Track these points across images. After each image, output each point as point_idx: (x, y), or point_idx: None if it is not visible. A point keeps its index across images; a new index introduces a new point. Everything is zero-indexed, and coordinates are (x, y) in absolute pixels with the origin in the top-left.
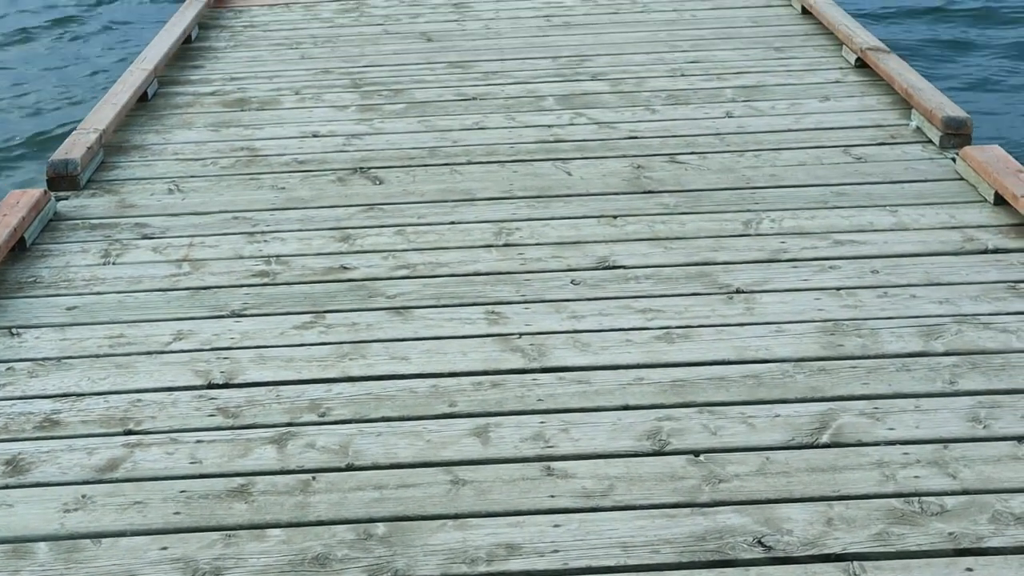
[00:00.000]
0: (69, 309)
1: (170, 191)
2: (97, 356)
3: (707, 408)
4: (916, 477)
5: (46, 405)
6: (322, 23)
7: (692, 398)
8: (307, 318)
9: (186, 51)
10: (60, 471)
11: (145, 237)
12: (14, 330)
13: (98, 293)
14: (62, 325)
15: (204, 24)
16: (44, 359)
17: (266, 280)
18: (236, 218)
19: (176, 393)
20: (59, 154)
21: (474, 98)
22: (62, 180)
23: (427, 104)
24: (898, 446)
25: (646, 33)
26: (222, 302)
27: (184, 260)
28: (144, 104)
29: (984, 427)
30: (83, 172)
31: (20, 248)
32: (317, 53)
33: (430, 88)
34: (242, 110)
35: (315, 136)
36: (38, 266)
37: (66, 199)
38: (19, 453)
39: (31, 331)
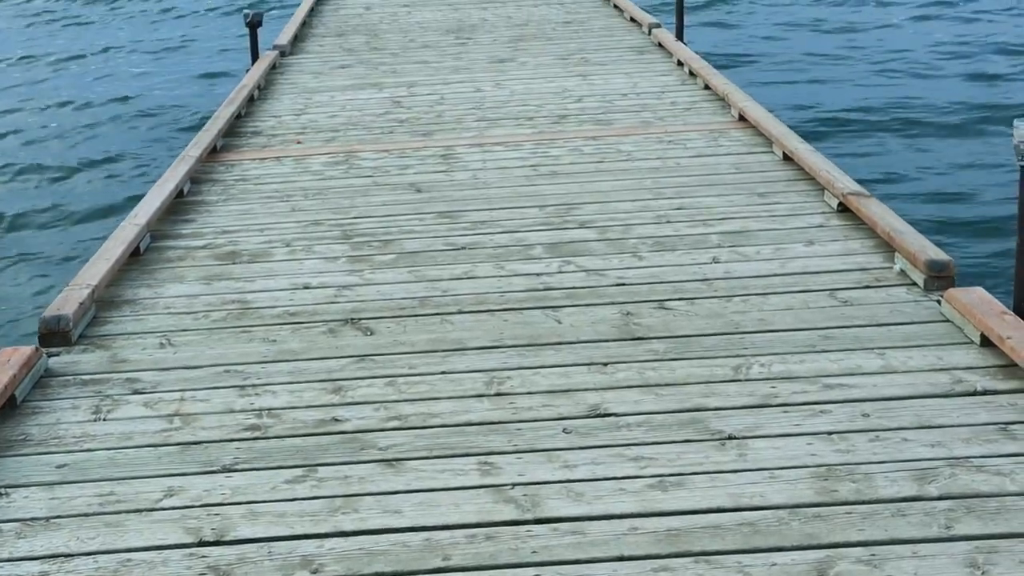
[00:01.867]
0: (59, 467)
1: (161, 345)
2: (86, 515)
3: (703, 558)
4: None
5: (34, 567)
6: (312, 176)
7: (687, 547)
8: (298, 472)
9: (179, 205)
10: None
11: (136, 392)
12: (2, 490)
13: (88, 450)
14: (51, 484)
15: (196, 178)
16: (32, 519)
17: (257, 434)
18: (227, 371)
19: (166, 552)
20: (51, 310)
21: (463, 248)
22: (54, 336)
23: (417, 254)
24: None
25: (631, 181)
26: (213, 457)
27: (175, 415)
28: (137, 258)
29: (983, 573)
30: (75, 328)
31: (10, 406)
32: (308, 205)
33: (420, 238)
34: (233, 263)
35: (306, 288)
36: (28, 424)
37: (57, 355)
38: None
39: (20, 490)
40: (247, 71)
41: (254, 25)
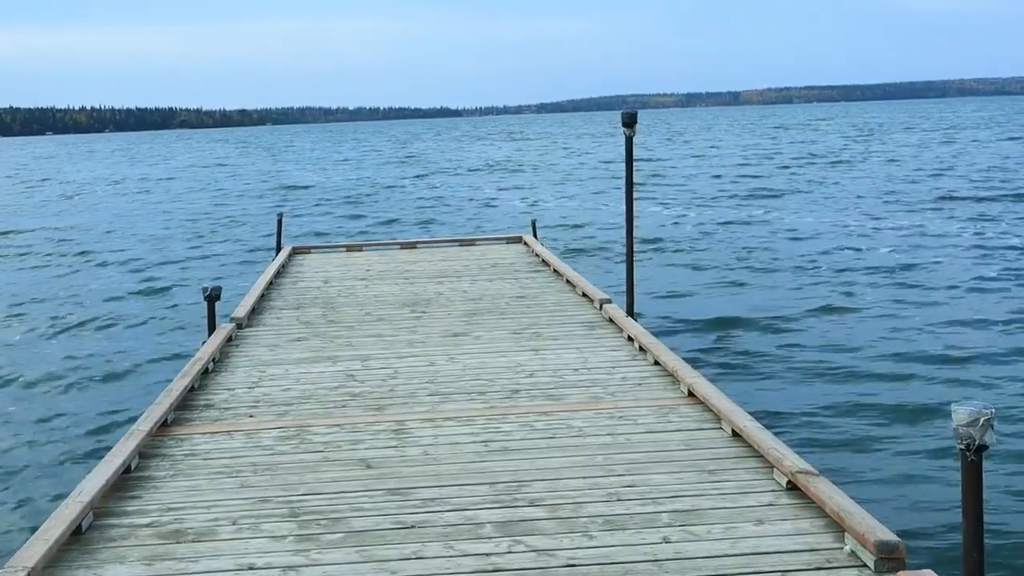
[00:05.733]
0: None
1: None
2: None
3: None
4: None
5: None
6: (263, 451)
7: None
8: None
9: (125, 481)
10: None
11: None
12: None
13: None
14: None
15: (145, 453)
16: None
17: None
18: None
19: None
20: None
21: (412, 526)
22: None
23: (365, 533)
24: None
25: (582, 457)
26: None
27: None
28: (78, 537)
29: None
30: None
31: None
32: (256, 481)
33: (368, 516)
34: (177, 542)
35: (251, 568)
36: None
37: None
38: None
39: None
40: (203, 343)
41: (212, 299)
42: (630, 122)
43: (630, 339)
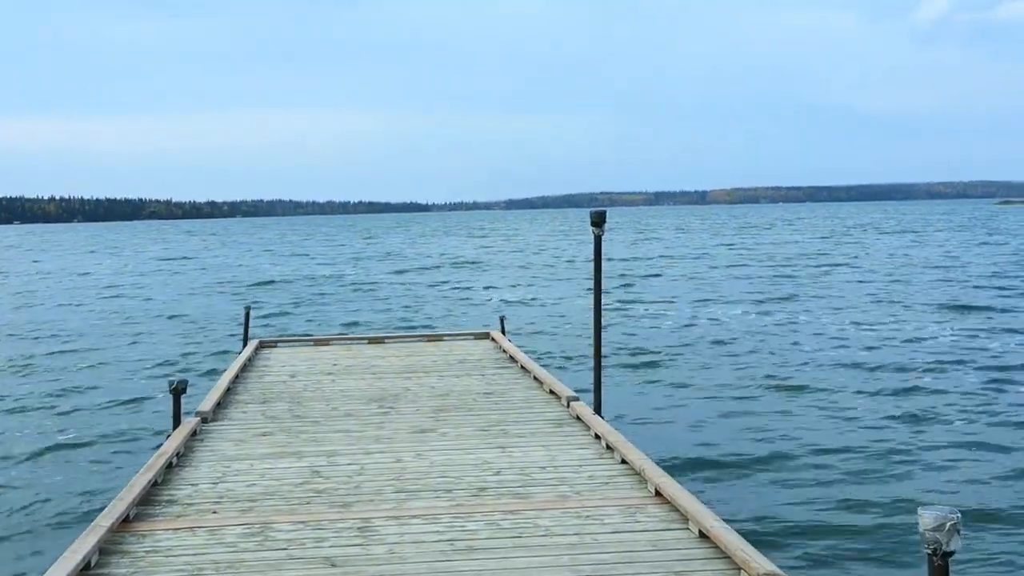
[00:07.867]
0: None
1: None
2: None
3: None
4: None
5: None
6: (226, 548)
7: None
8: None
9: None
10: None
11: None
12: None
13: None
14: None
15: (106, 549)
16: None
17: None
18: None
19: None
20: None
21: None
22: None
23: None
24: None
25: (549, 557)
26: None
27: None
28: None
29: None
30: None
31: None
32: None
33: None
34: None
35: None
36: None
37: None
38: None
39: None
40: (168, 437)
41: (178, 392)
42: (599, 221)
43: (597, 437)
